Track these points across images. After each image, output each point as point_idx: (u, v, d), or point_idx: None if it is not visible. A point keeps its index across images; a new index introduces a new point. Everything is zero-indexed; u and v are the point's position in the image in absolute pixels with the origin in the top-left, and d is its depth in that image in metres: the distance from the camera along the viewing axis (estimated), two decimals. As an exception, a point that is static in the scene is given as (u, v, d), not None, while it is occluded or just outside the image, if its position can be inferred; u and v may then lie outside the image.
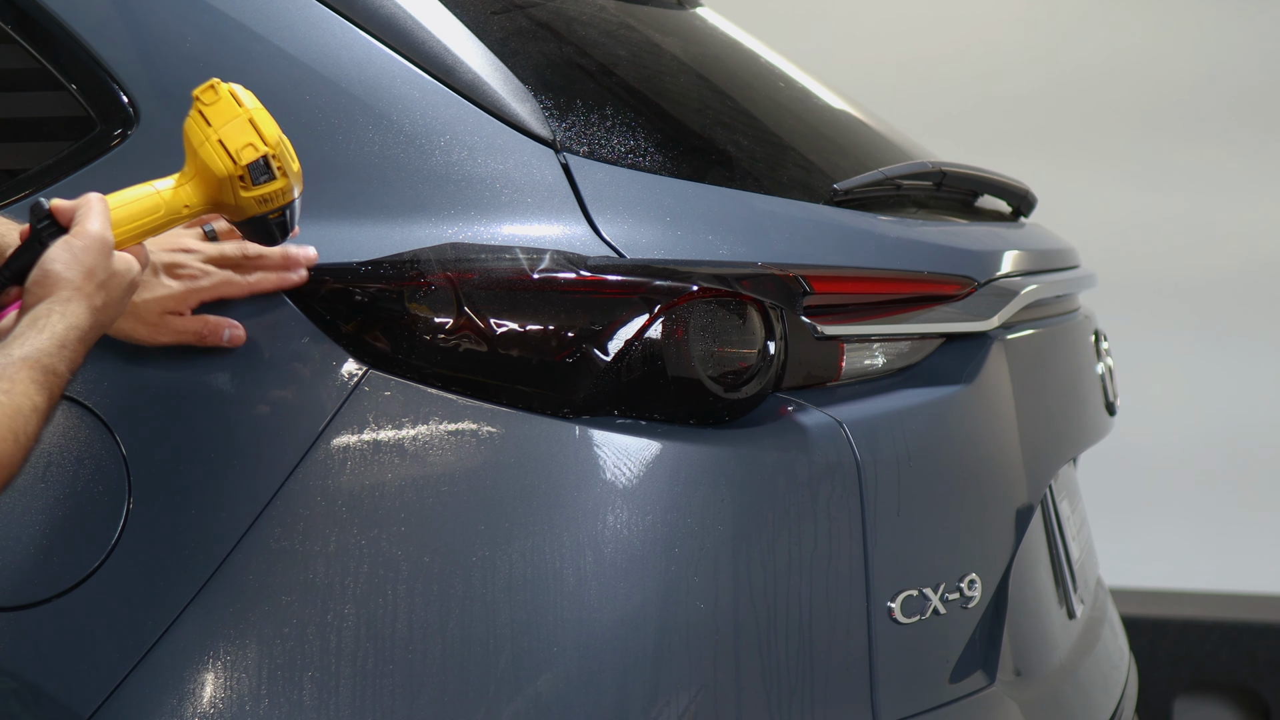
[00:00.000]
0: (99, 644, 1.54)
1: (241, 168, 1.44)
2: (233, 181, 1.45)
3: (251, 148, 1.45)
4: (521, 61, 1.73)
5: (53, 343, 1.31)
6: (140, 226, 1.45)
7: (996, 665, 1.78)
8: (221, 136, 1.45)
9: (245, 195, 1.46)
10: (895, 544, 1.65)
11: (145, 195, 1.46)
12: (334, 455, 1.53)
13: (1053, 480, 2.09)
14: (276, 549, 1.52)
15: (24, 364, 1.28)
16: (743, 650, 1.54)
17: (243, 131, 1.45)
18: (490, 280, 1.55)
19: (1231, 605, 3.86)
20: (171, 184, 1.47)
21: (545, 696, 1.49)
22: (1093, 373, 2.29)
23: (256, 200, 1.46)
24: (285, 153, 1.47)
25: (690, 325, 1.57)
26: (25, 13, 1.71)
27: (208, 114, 1.46)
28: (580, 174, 1.62)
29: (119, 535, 1.55)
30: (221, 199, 1.46)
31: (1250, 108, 4.16)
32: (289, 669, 1.50)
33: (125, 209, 1.44)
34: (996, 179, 2.14)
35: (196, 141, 1.46)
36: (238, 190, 1.45)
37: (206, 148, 1.45)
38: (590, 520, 1.51)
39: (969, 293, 1.81)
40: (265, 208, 1.47)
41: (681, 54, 2.07)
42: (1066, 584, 2.11)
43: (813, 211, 1.76)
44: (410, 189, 1.60)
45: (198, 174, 1.46)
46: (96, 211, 1.39)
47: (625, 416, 1.55)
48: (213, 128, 1.45)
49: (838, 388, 1.70)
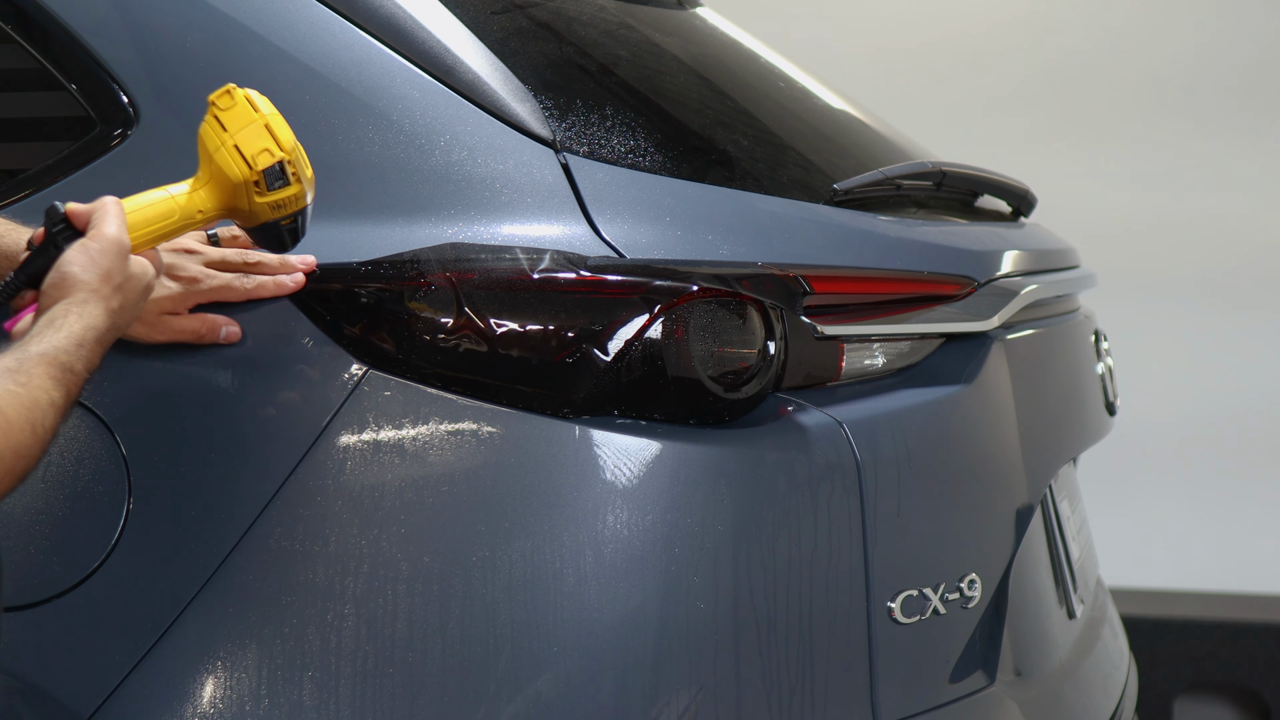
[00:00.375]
0: (99, 644, 1.54)
1: (257, 173, 1.44)
2: (248, 187, 1.45)
3: (268, 153, 1.44)
4: (521, 61, 1.73)
5: (70, 341, 1.31)
6: (155, 231, 1.45)
7: (996, 665, 1.78)
8: (237, 142, 1.45)
9: (260, 201, 1.45)
10: (895, 544, 1.65)
11: (160, 200, 1.45)
12: (334, 455, 1.53)
13: (1053, 480, 2.09)
14: (277, 549, 1.52)
15: (41, 359, 1.28)
16: (743, 650, 1.54)
17: (259, 137, 1.45)
18: (490, 280, 1.55)
19: (1231, 605, 3.86)
20: (186, 189, 1.46)
21: (545, 696, 1.49)
22: (1093, 373, 2.29)
23: (270, 206, 1.46)
24: (300, 159, 1.47)
25: (690, 325, 1.57)
26: (25, 13, 1.71)
27: (223, 119, 1.45)
28: (580, 174, 1.62)
29: (119, 535, 1.55)
30: (236, 204, 1.46)
31: (1248, 94, 4.16)
32: (289, 669, 1.50)
33: (140, 213, 1.44)
34: (996, 179, 2.14)
35: (212, 147, 1.45)
36: (252, 196, 1.45)
37: (222, 153, 1.45)
38: (590, 520, 1.51)
39: (969, 293, 1.81)
40: (278, 214, 1.47)
41: (681, 54, 2.07)
42: (1066, 584, 2.11)
43: (813, 211, 1.76)
44: (410, 189, 1.60)
45: (212, 179, 1.46)
46: (113, 215, 1.39)
47: (625, 416, 1.55)
48: (228, 133, 1.45)
49: (838, 388, 1.70)
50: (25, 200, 1.67)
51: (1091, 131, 4.23)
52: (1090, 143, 4.22)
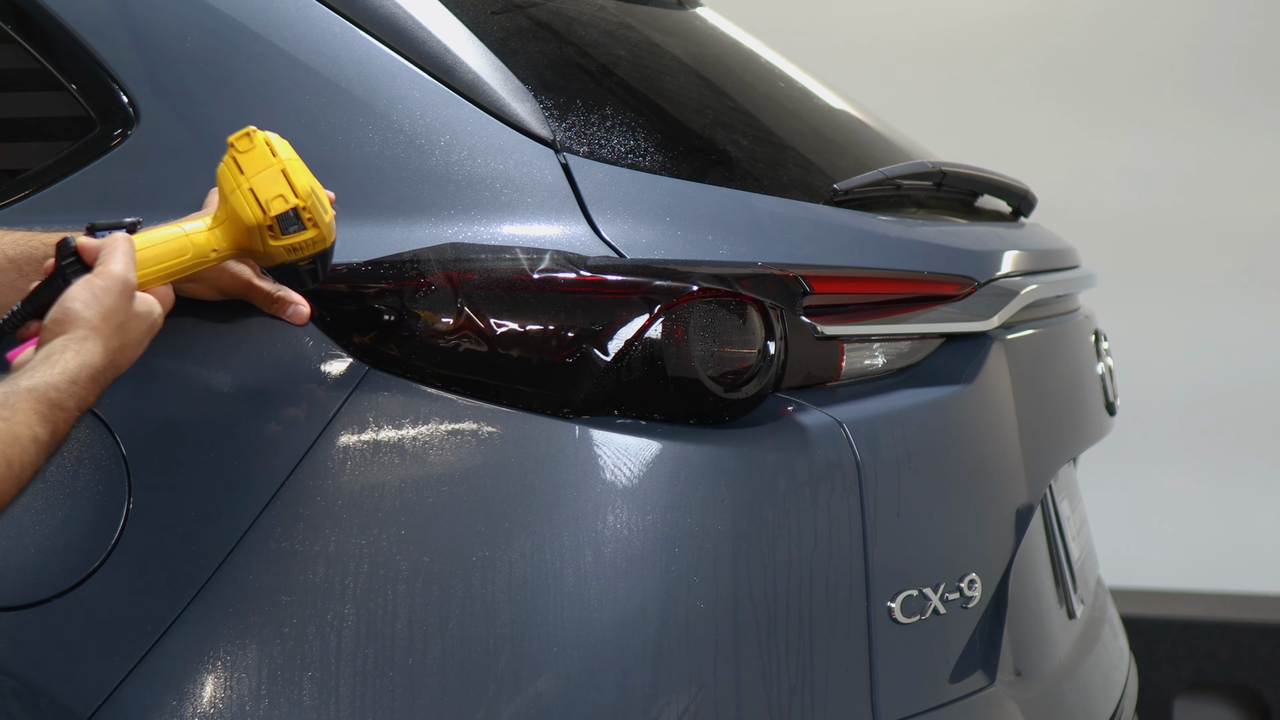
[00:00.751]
0: (99, 644, 1.54)
1: (270, 218, 1.44)
2: (261, 230, 1.44)
3: (282, 199, 1.44)
4: (521, 61, 1.73)
5: (63, 378, 1.30)
6: (167, 269, 1.45)
7: (996, 665, 1.78)
8: (253, 185, 1.44)
9: (274, 244, 1.45)
10: (895, 544, 1.65)
11: (173, 237, 1.45)
12: (334, 455, 1.53)
13: (1053, 480, 2.09)
14: (277, 549, 1.52)
15: (29, 394, 1.27)
16: (743, 650, 1.54)
17: (274, 182, 1.44)
18: (490, 280, 1.55)
19: (1231, 605, 3.86)
20: (201, 226, 1.46)
21: (545, 696, 1.49)
22: (1093, 373, 2.29)
23: (286, 249, 1.46)
24: (317, 205, 1.45)
25: (690, 325, 1.57)
26: (25, 13, 1.71)
27: (241, 161, 1.45)
28: (580, 174, 1.62)
29: (119, 535, 1.55)
30: (250, 246, 1.46)
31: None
32: (289, 669, 1.50)
33: (152, 250, 1.44)
34: (996, 179, 2.14)
35: (228, 188, 1.45)
36: (266, 239, 1.45)
37: (237, 195, 1.44)
38: (590, 520, 1.51)
39: (969, 293, 1.81)
40: (295, 256, 1.46)
41: (681, 54, 2.07)
42: (1066, 584, 2.11)
43: (813, 211, 1.76)
44: (410, 189, 1.60)
45: (228, 219, 1.46)
46: (121, 252, 1.39)
47: (625, 416, 1.55)
48: (245, 175, 1.45)
49: (838, 388, 1.70)
50: (25, 200, 1.67)
51: (1095, 117, 4.24)
52: (1094, 128, 4.23)
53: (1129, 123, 4.22)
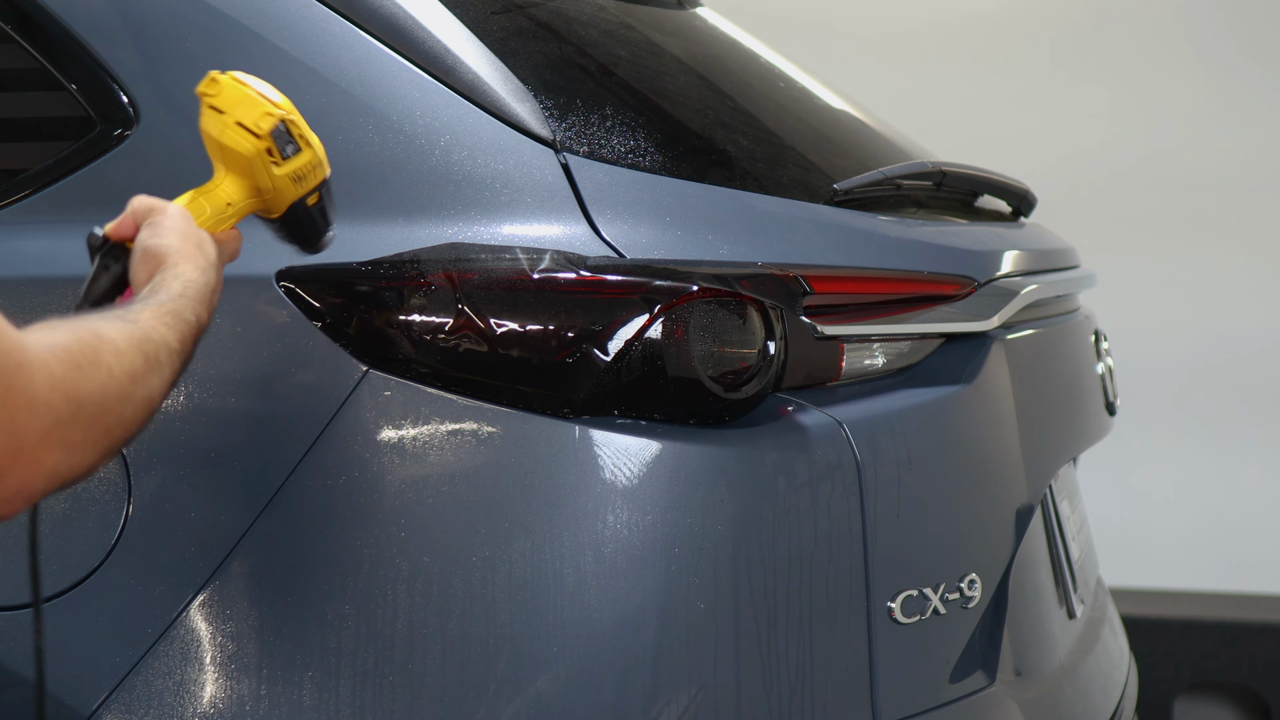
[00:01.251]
0: (99, 644, 1.54)
1: (266, 136, 1.43)
2: (263, 159, 1.43)
3: (268, 115, 1.44)
4: (521, 61, 1.73)
5: (169, 295, 1.28)
6: None
7: (996, 665, 1.78)
8: (237, 118, 1.44)
9: (279, 173, 1.44)
10: (895, 544, 1.65)
11: (187, 199, 1.45)
12: (334, 455, 1.53)
13: (1053, 480, 2.09)
14: (277, 549, 1.52)
15: (146, 309, 1.24)
16: (743, 650, 1.54)
17: (254, 105, 1.44)
18: (490, 280, 1.55)
19: (1231, 605, 3.86)
20: (209, 185, 1.46)
21: (545, 696, 1.49)
22: (1093, 372, 2.29)
23: (291, 179, 1.45)
24: (300, 118, 1.45)
25: (690, 325, 1.57)
26: (25, 13, 1.71)
27: (217, 104, 1.45)
28: (580, 174, 1.62)
29: (119, 535, 1.55)
30: (259, 184, 1.45)
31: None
32: (289, 669, 1.50)
33: None
34: (996, 179, 2.14)
35: (217, 132, 1.44)
36: (270, 170, 1.44)
37: (228, 134, 1.44)
38: (590, 520, 1.51)
39: (969, 293, 1.81)
40: (301, 188, 1.45)
41: (681, 54, 2.07)
42: (1066, 584, 2.11)
43: (813, 211, 1.76)
44: (410, 189, 1.60)
45: (229, 167, 1.45)
46: (152, 200, 1.38)
47: (625, 416, 1.55)
48: (226, 114, 1.44)
49: (838, 388, 1.70)
50: (25, 200, 1.67)
51: (1095, 115, 4.26)
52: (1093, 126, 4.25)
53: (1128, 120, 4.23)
